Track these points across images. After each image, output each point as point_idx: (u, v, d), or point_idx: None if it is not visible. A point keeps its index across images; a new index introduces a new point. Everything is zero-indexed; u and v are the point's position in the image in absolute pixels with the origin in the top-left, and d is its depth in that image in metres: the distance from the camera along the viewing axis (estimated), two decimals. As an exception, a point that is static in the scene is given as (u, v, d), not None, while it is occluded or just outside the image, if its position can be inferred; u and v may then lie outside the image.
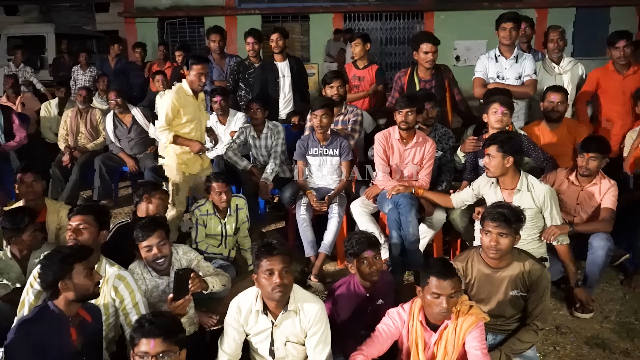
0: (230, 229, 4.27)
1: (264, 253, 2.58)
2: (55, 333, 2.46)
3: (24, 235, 3.37)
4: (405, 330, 2.71)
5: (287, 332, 2.70)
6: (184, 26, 14.77)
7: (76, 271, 2.49)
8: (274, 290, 2.54)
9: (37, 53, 12.49)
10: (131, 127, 6.06)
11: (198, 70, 4.35)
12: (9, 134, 6.29)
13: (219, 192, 4.12)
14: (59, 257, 2.49)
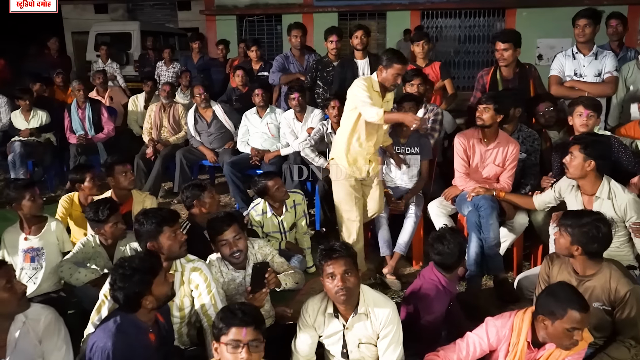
0: (287, 225, 4.29)
1: (325, 257, 2.60)
2: (137, 342, 2.48)
3: (106, 226, 3.51)
4: (504, 347, 2.61)
5: (359, 334, 2.68)
6: (262, 23, 15.04)
7: (156, 284, 2.47)
8: (337, 293, 2.54)
9: (123, 50, 13.09)
10: (211, 122, 6.21)
11: (398, 70, 3.81)
12: (98, 126, 6.62)
13: (276, 188, 4.13)
14: (138, 278, 2.41)
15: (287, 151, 5.58)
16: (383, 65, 3.81)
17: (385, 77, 3.84)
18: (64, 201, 4.39)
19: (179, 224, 2.98)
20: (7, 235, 3.77)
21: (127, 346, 2.42)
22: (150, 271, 2.46)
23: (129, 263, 2.46)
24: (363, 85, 3.82)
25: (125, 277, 2.41)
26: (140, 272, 2.42)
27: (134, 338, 2.46)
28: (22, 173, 6.20)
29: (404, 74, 5.05)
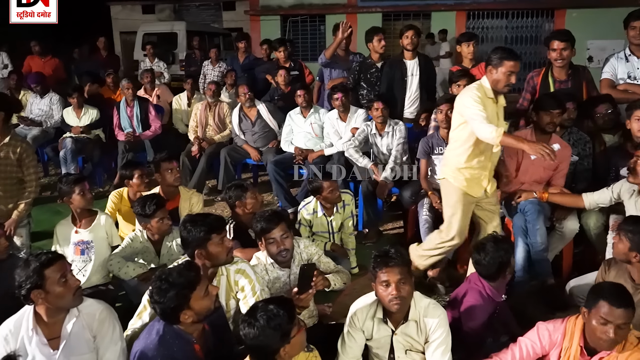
0: (336, 226, 4.28)
1: (380, 264, 2.54)
2: (181, 353, 2.45)
3: (152, 221, 3.59)
4: (556, 352, 2.54)
5: (407, 340, 2.66)
6: (306, 24, 15.08)
7: (194, 298, 2.39)
8: (391, 302, 2.51)
9: (169, 49, 13.34)
10: (255, 121, 6.26)
11: (511, 67, 3.35)
12: (145, 124, 6.75)
13: (331, 190, 4.12)
14: (174, 293, 2.34)
15: (331, 151, 5.57)
16: (493, 65, 3.40)
17: (497, 78, 3.39)
18: (113, 196, 4.50)
19: (226, 231, 2.98)
20: (59, 228, 3.89)
21: (169, 357, 2.40)
22: (187, 286, 2.37)
23: (167, 276, 2.40)
24: (475, 96, 3.34)
25: (162, 291, 2.36)
26: (176, 286, 2.35)
27: (178, 350, 2.42)
28: (72, 168, 6.37)
29: (450, 74, 5.02)
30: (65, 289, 2.41)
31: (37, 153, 6.93)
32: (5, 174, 4.04)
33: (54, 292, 2.39)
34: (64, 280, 2.41)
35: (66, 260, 2.51)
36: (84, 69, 9.12)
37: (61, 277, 2.40)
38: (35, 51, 8.83)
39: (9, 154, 4.00)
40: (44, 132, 7.11)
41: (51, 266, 2.40)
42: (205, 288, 2.45)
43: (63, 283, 2.41)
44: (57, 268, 2.42)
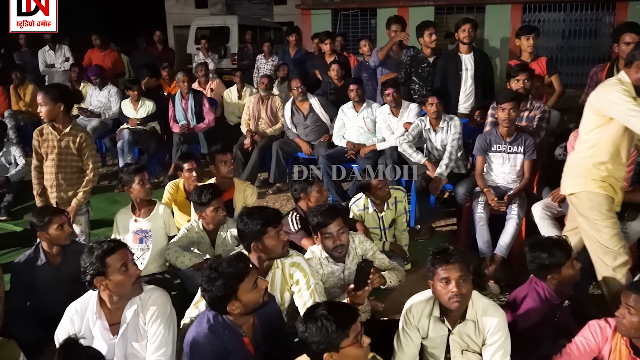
0: (387, 222, 4.23)
1: (440, 261, 2.49)
2: (230, 344, 2.47)
3: (207, 210, 3.65)
4: (607, 349, 2.47)
5: (464, 340, 2.61)
6: (357, 18, 14.99)
7: (242, 290, 2.38)
8: (450, 299, 2.46)
9: (221, 43, 13.49)
10: (308, 115, 6.27)
11: None
12: (199, 116, 6.87)
13: (380, 187, 4.07)
14: (221, 283, 2.35)
15: (383, 146, 5.53)
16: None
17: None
18: (169, 187, 4.59)
19: (282, 224, 2.99)
20: (119, 217, 4.00)
21: (218, 347, 2.42)
22: (235, 277, 2.37)
23: (217, 266, 2.41)
24: (623, 91, 3.00)
25: (211, 280, 2.37)
26: (225, 276, 2.35)
27: (227, 340, 2.44)
28: (129, 159, 6.55)
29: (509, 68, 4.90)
30: (125, 277, 2.47)
31: (96, 143, 7.14)
32: (65, 162, 4.14)
33: (115, 279, 2.45)
34: (124, 268, 2.47)
35: (128, 249, 2.57)
36: (140, 62, 9.35)
37: (122, 266, 2.46)
38: (96, 44, 9.10)
39: (69, 144, 4.10)
40: (103, 123, 7.33)
41: (113, 254, 2.47)
42: (254, 281, 2.43)
43: (124, 271, 2.47)
44: (119, 256, 2.48)
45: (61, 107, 3.98)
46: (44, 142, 4.12)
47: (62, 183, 4.14)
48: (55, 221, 3.31)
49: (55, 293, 3.33)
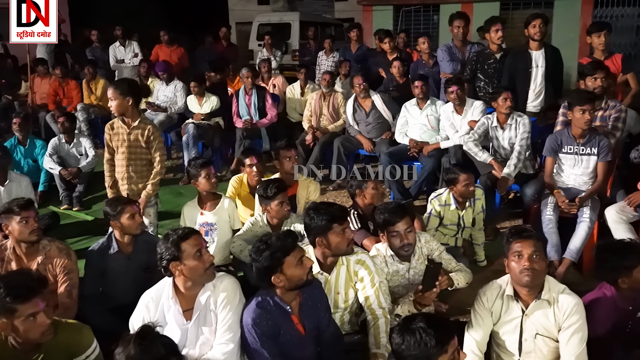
0: (467, 221, 4.15)
1: (514, 235, 2.54)
2: (278, 319, 2.56)
3: (272, 204, 3.69)
4: None
5: (538, 323, 2.55)
6: (419, 14, 14.81)
7: (287, 264, 2.49)
8: (522, 273, 2.46)
9: (282, 39, 13.62)
10: (370, 111, 6.24)
11: None
12: (262, 112, 6.95)
13: (466, 184, 4.00)
14: (268, 254, 2.48)
15: (447, 144, 5.43)
16: None
17: None
18: (234, 181, 4.67)
19: (348, 221, 3.00)
20: (186, 209, 4.09)
21: (268, 321, 2.51)
22: (281, 249, 2.49)
23: (267, 239, 2.55)
24: None
25: (259, 250, 2.52)
26: (272, 248, 2.49)
27: (275, 316, 2.53)
28: (193, 153, 6.69)
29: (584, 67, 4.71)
30: (199, 263, 2.51)
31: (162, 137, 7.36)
32: (135, 155, 4.24)
33: (189, 264, 2.50)
34: (199, 254, 2.52)
35: (201, 236, 2.62)
36: (205, 58, 9.54)
37: (197, 252, 2.51)
38: (164, 40, 9.34)
39: (138, 137, 4.19)
40: (169, 117, 7.53)
41: (188, 239, 2.52)
42: (299, 257, 2.52)
43: (198, 257, 2.51)
44: (194, 242, 2.53)
45: (130, 101, 4.08)
46: (114, 135, 4.25)
47: (132, 175, 4.26)
48: (127, 211, 3.42)
49: (125, 281, 3.46)
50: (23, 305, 2.22)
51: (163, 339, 2.01)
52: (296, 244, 2.57)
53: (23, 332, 2.27)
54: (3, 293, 2.22)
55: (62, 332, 2.39)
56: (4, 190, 4.83)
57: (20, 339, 2.30)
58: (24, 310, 2.22)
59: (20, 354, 2.35)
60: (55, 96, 8.33)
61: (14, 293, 2.22)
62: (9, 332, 2.28)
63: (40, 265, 3.31)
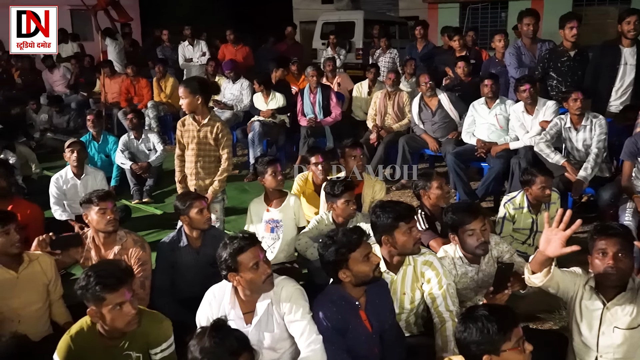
0: (541, 225, 4.00)
1: (599, 232, 2.47)
2: (347, 314, 2.56)
3: (338, 202, 3.69)
4: None
5: (618, 317, 2.48)
6: (486, 11, 14.48)
7: (352, 260, 2.50)
8: (606, 271, 2.40)
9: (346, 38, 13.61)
10: (436, 111, 6.14)
11: None
12: (327, 110, 6.96)
13: (543, 187, 3.86)
14: (334, 249, 2.51)
15: (517, 145, 5.27)
16: None
17: None
18: (299, 179, 4.70)
19: (415, 220, 2.96)
20: (253, 206, 4.15)
21: (337, 315, 2.53)
22: (346, 245, 2.51)
23: (333, 234, 2.59)
24: None
25: (326, 245, 2.56)
26: (337, 244, 2.51)
27: (344, 310, 2.55)
28: (259, 150, 6.80)
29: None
30: (256, 276, 2.48)
31: (229, 134, 7.51)
32: (204, 152, 4.32)
33: (246, 276, 2.48)
34: (255, 267, 2.48)
35: (260, 247, 2.56)
36: (269, 57, 9.65)
37: (253, 265, 2.47)
38: (230, 40, 9.52)
39: (207, 134, 4.26)
40: (235, 115, 7.68)
41: (245, 253, 2.48)
42: (366, 253, 2.53)
43: (254, 270, 2.47)
44: (251, 255, 2.48)
45: (199, 100, 4.15)
46: (185, 132, 4.34)
47: (200, 171, 4.33)
48: (196, 205, 3.49)
49: (194, 274, 3.54)
50: (111, 295, 2.31)
51: (236, 333, 2.04)
52: (362, 239, 2.57)
53: (110, 321, 2.35)
54: (93, 282, 2.31)
55: (145, 322, 2.47)
56: (80, 184, 5.05)
57: (107, 327, 2.39)
58: (111, 300, 2.31)
59: (107, 340, 2.45)
60: (127, 94, 8.65)
61: (103, 282, 2.31)
62: (98, 319, 2.38)
63: (116, 256, 3.43)
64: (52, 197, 5.00)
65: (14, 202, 4.14)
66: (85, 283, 2.33)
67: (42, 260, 3.19)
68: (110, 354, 2.47)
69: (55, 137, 8.41)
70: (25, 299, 3.08)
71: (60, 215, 4.94)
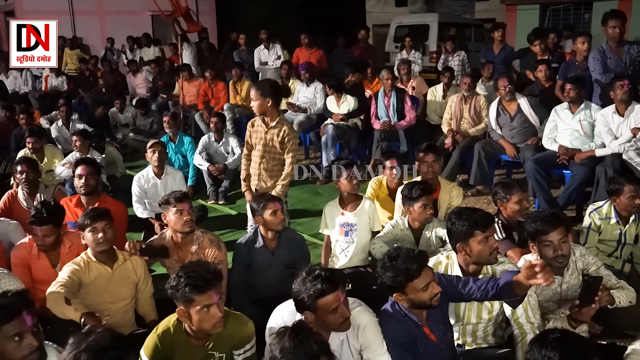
0: (629, 237, 3.78)
1: None
2: (412, 331, 2.53)
3: (415, 205, 3.65)
4: None
5: None
6: (569, 12, 13.92)
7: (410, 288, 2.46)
8: None
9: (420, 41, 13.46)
10: (515, 115, 5.94)
11: None
12: (401, 114, 6.90)
13: (632, 196, 3.65)
14: (391, 275, 2.47)
15: (603, 152, 5.01)
16: None
17: None
18: (373, 183, 4.67)
19: (493, 229, 2.87)
20: (327, 209, 4.15)
21: (402, 332, 2.48)
22: (404, 274, 2.44)
23: (395, 257, 2.50)
24: None
25: (384, 267, 2.51)
26: (395, 270, 2.46)
27: (408, 326, 2.51)
28: (331, 154, 6.82)
29: None
30: (333, 319, 2.38)
31: (301, 137, 7.58)
32: (269, 155, 4.32)
33: (323, 318, 2.39)
34: (334, 311, 2.37)
35: (342, 289, 2.43)
36: (343, 60, 9.65)
37: (333, 311, 2.36)
38: (304, 43, 9.61)
39: (274, 137, 4.27)
40: (308, 118, 7.74)
41: (326, 297, 2.36)
42: (426, 283, 2.45)
43: (333, 314, 2.37)
44: (332, 299, 2.36)
45: (269, 102, 4.17)
46: (254, 133, 4.38)
47: (263, 173, 4.35)
48: (270, 207, 3.53)
49: (269, 275, 3.60)
50: (200, 296, 2.35)
51: (316, 336, 2.04)
52: (422, 269, 2.47)
53: (197, 322, 2.40)
54: (183, 283, 2.36)
55: (230, 324, 2.51)
56: (160, 183, 5.24)
57: (194, 327, 2.44)
58: (200, 301, 2.35)
59: (193, 340, 2.51)
60: (205, 96, 8.91)
61: (193, 284, 2.35)
62: (186, 319, 2.44)
63: (193, 255, 3.53)
64: (134, 195, 5.20)
65: (100, 199, 4.34)
66: (176, 283, 2.39)
67: (134, 260, 3.34)
68: (194, 353, 2.53)
69: (137, 138, 8.78)
70: (117, 295, 3.24)
71: (141, 213, 5.13)
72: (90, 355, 1.81)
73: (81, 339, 1.87)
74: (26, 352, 2.07)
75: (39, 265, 3.45)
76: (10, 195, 4.60)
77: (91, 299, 3.14)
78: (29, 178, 4.53)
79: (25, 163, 4.62)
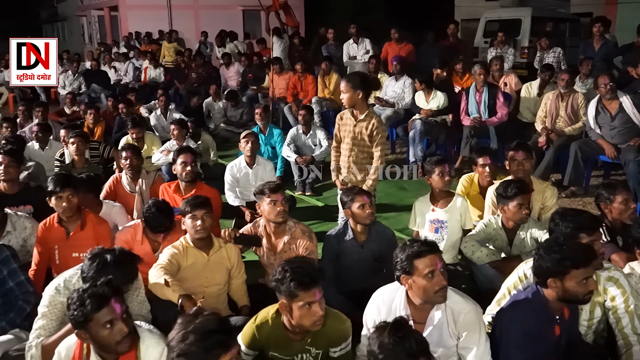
0: None
1: None
2: (542, 325, 2.47)
3: (510, 204, 3.56)
4: None
5: None
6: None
7: (570, 276, 2.40)
8: None
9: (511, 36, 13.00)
10: (616, 115, 5.64)
11: None
12: (492, 110, 6.73)
13: None
14: (558, 257, 2.42)
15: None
16: None
17: None
18: (464, 180, 4.61)
19: (599, 233, 2.77)
20: (418, 204, 4.15)
21: (534, 323, 2.43)
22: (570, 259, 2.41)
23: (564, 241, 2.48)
24: None
25: (549, 248, 2.47)
26: (563, 253, 2.43)
27: (542, 320, 2.46)
28: (419, 149, 6.77)
29: None
30: (430, 284, 2.42)
31: (388, 132, 7.55)
32: (358, 148, 4.31)
33: (419, 283, 2.44)
34: (430, 276, 2.41)
35: (440, 257, 2.48)
36: (430, 54, 9.52)
37: (429, 273, 2.41)
38: (394, 38, 9.57)
39: (362, 130, 4.26)
40: (396, 112, 7.70)
41: (422, 258, 2.43)
42: (587, 276, 2.41)
43: (429, 278, 2.41)
44: (428, 262, 2.42)
45: (360, 95, 4.16)
46: (342, 126, 4.40)
47: (352, 166, 4.35)
48: (358, 200, 3.55)
49: (358, 268, 3.64)
50: (304, 293, 2.40)
51: (416, 335, 2.03)
52: (589, 261, 2.43)
53: (298, 317, 2.45)
54: (289, 277, 2.41)
55: (329, 322, 2.55)
56: (252, 173, 5.39)
57: (294, 322, 2.49)
58: (303, 297, 2.40)
59: (290, 334, 2.59)
60: (294, 89, 9.07)
61: (298, 280, 2.40)
62: (287, 313, 2.49)
63: (285, 245, 3.63)
64: (227, 183, 5.39)
65: (197, 186, 4.53)
66: (281, 277, 2.43)
67: (228, 248, 3.48)
68: (291, 346, 2.61)
69: (228, 129, 9.08)
70: (211, 280, 3.39)
71: (233, 201, 5.30)
72: (197, 337, 1.91)
73: (189, 320, 1.98)
74: (119, 338, 2.20)
75: (141, 250, 3.62)
76: (115, 179, 4.91)
77: (187, 282, 3.30)
78: (132, 164, 4.82)
79: (130, 150, 4.90)
